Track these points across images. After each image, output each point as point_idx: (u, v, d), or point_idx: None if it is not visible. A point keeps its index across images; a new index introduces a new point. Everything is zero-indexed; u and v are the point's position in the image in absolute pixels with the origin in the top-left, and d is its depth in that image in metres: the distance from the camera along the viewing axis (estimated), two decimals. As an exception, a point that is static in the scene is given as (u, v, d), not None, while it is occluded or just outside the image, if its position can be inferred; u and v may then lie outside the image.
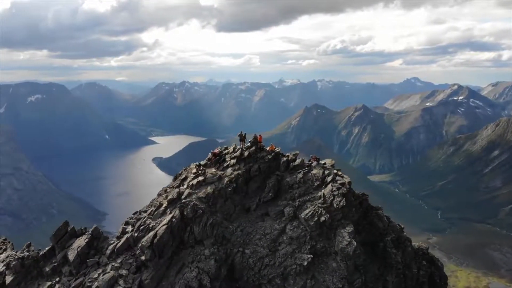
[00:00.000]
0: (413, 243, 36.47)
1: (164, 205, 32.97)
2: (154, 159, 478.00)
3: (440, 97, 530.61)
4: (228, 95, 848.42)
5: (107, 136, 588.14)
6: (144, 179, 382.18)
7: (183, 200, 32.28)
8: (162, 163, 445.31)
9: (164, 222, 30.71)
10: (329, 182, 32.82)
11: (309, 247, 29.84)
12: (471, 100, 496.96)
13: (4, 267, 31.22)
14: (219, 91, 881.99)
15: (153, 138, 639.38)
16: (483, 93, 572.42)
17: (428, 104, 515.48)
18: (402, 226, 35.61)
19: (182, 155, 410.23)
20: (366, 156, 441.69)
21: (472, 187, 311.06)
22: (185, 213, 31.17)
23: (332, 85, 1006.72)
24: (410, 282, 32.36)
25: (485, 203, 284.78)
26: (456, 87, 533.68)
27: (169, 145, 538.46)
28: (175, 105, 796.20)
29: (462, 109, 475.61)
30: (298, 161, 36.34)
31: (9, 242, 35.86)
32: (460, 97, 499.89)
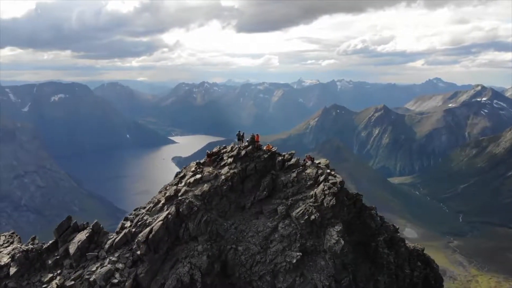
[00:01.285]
0: (410, 244, 36.27)
1: (162, 202, 33.81)
2: (173, 158, 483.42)
3: (463, 98, 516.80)
4: (247, 95, 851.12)
5: (128, 136, 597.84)
6: (163, 178, 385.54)
7: (180, 197, 33.04)
8: (181, 162, 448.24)
9: (160, 218, 31.50)
10: (322, 181, 33.02)
11: (299, 245, 30.14)
12: (495, 101, 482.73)
13: (10, 259, 32.65)
14: (238, 92, 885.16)
15: (172, 138, 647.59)
16: (507, 94, 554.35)
17: (450, 105, 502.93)
18: (397, 227, 35.44)
19: (201, 154, 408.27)
20: (386, 157, 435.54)
21: (495, 190, 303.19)
22: (180, 209, 31.87)
23: (352, 85, 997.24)
24: (402, 283, 32.13)
25: (508, 206, 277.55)
26: (479, 88, 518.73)
27: (188, 144, 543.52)
28: (194, 105, 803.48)
29: (486, 111, 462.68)
30: (293, 160, 36.65)
31: (16, 235, 37.32)
32: (484, 98, 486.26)
